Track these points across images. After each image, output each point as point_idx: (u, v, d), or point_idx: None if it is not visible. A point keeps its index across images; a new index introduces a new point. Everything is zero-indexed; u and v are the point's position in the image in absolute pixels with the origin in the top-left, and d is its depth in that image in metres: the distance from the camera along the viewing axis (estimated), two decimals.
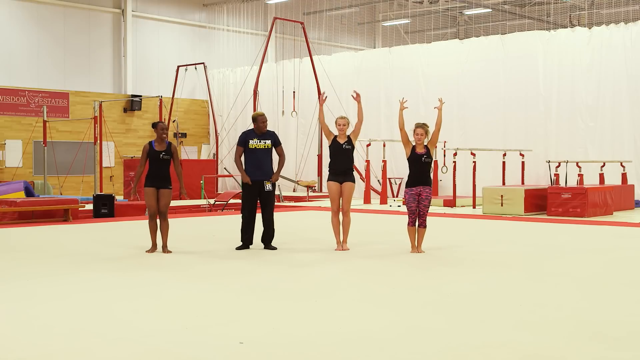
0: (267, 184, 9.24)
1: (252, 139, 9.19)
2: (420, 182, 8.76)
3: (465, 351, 4.45)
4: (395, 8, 31.89)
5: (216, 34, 27.81)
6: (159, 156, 8.98)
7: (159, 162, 8.97)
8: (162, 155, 8.98)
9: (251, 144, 9.16)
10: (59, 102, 23.45)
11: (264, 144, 9.20)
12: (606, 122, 18.80)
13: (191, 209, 17.91)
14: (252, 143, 9.17)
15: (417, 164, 8.79)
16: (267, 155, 9.24)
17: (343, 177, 9.10)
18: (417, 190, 8.73)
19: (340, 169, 9.11)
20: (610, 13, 28.52)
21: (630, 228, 12.46)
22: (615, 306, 5.82)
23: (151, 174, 8.99)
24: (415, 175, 8.78)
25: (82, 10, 24.25)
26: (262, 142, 9.20)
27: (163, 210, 9.00)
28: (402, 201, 18.45)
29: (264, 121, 9.27)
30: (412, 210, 8.76)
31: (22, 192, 15.44)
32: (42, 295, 6.29)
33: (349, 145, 9.11)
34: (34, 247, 10.02)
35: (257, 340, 4.71)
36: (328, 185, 9.13)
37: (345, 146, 9.10)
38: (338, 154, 9.13)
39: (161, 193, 8.99)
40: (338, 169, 9.12)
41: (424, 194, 8.75)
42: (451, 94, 21.04)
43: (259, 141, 9.19)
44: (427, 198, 8.76)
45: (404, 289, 6.65)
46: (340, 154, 9.12)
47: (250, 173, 9.18)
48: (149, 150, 9.02)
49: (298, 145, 24.30)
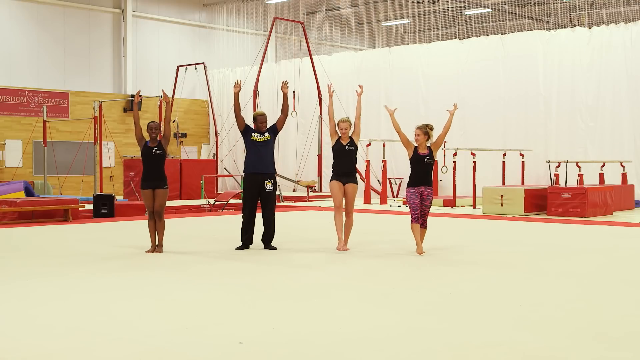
0: (268, 184, 9.26)
1: (254, 132, 9.32)
2: (422, 183, 8.75)
3: (465, 351, 4.45)
4: (395, 8, 31.89)
5: (216, 34, 27.82)
6: (151, 152, 8.98)
7: (151, 159, 8.97)
8: (154, 151, 8.97)
9: (253, 136, 9.29)
10: (59, 102, 23.46)
11: (264, 137, 9.29)
12: (606, 122, 18.80)
13: (191, 209, 17.90)
14: (253, 135, 9.29)
15: (419, 164, 8.78)
16: (268, 149, 9.30)
17: (346, 179, 9.10)
18: (419, 190, 8.72)
19: (343, 170, 9.12)
20: (610, 13, 28.52)
21: (630, 228, 12.46)
22: (615, 306, 5.82)
23: (146, 173, 9.01)
24: (417, 176, 8.77)
25: (82, 10, 24.26)
26: (261, 135, 9.30)
27: (158, 210, 8.99)
28: (403, 201, 18.45)
29: (262, 122, 9.33)
30: (415, 206, 8.68)
31: (22, 192, 15.44)
32: (42, 295, 6.29)
33: (351, 146, 9.13)
34: (34, 247, 10.02)
35: (257, 340, 4.71)
36: (330, 185, 9.13)
37: (348, 147, 9.11)
38: (341, 156, 9.14)
39: (157, 193, 8.97)
40: (341, 170, 9.13)
41: (426, 194, 8.74)
42: (451, 94, 21.03)
43: (259, 135, 9.30)
44: (428, 198, 8.76)
45: (404, 289, 6.65)
46: (344, 155, 9.13)
47: (251, 166, 9.26)
48: (142, 148, 9.05)
49: (298, 145, 24.30)
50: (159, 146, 9.02)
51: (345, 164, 9.12)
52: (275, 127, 9.39)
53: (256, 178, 9.25)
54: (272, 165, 9.38)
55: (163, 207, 9.04)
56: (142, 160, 9.09)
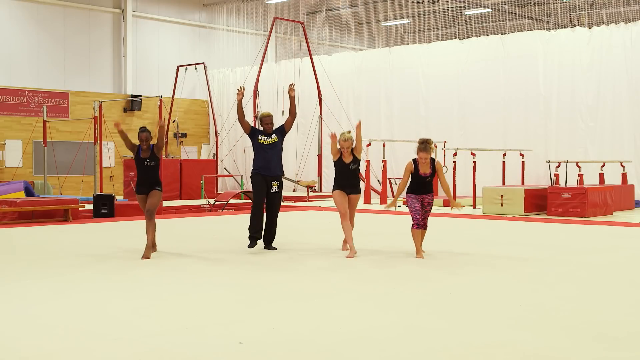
0: (274, 186, 9.18)
1: (261, 135, 9.19)
2: (422, 192, 8.64)
3: (465, 351, 4.45)
4: (395, 8, 31.90)
5: (216, 34, 27.81)
6: (143, 163, 8.88)
7: (144, 169, 8.88)
8: (147, 162, 8.86)
9: (260, 139, 9.16)
10: (59, 102, 23.46)
11: (271, 139, 9.17)
12: (606, 122, 18.80)
13: (191, 209, 17.91)
14: (260, 138, 9.16)
15: (420, 182, 8.64)
16: (275, 152, 9.19)
17: (350, 189, 8.95)
18: (419, 197, 8.61)
19: (346, 183, 8.94)
20: (610, 13, 28.52)
21: (630, 228, 12.46)
22: (615, 306, 5.83)
23: (139, 180, 8.96)
24: (418, 188, 8.63)
25: (82, 10, 24.25)
26: (268, 138, 9.17)
27: (150, 209, 8.80)
28: (402, 201, 18.45)
29: (267, 123, 9.22)
30: (416, 210, 8.55)
31: (22, 192, 15.44)
32: (42, 295, 6.29)
33: (354, 165, 8.92)
34: (34, 247, 10.02)
35: (257, 340, 4.71)
36: (334, 195, 8.93)
37: (352, 167, 8.91)
38: (344, 172, 8.95)
39: (150, 194, 8.88)
40: (344, 183, 8.96)
41: (427, 201, 8.65)
42: (451, 94, 21.07)
43: (266, 137, 9.17)
44: (429, 204, 8.68)
45: (404, 289, 6.64)
46: (346, 172, 8.94)
47: (259, 169, 9.16)
48: (135, 155, 8.94)
49: (298, 145, 24.30)
50: (152, 157, 8.87)
51: (348, 178, 8.94)
52: (283, 129, 9.25)
53: (263, 178, 9.17)
54: (279, 168, 9.27)
55: (155, 207, 8.87)
56: (136, 167, 8.99)
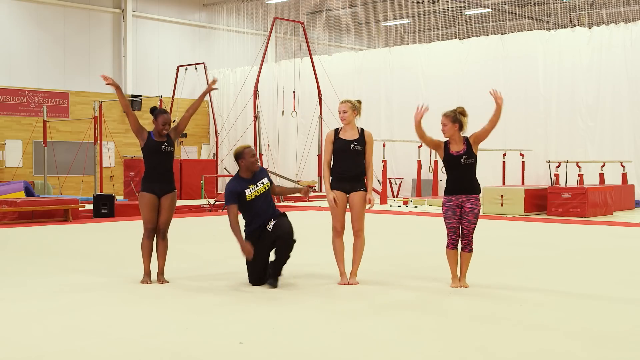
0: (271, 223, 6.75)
1: (247, 188, 6.68)
2: (462, 190, 6.44)
3: (465, 351, 4.45)
4: (395, 8, 31.90)
5: (216, 34, 27.81)
6: (160, 148, 6.78)
7: (161, 157, 6.78)
8: (165, 147, 6.80)
9: (249, 195, 6.67)
10: (59, 102, 23.46)
11: (263, 186, 6.74)
12: (606, 122, 18.81)
13: (191, 209, 17.91)
14: (249, 193, 6.67)
15: (454, 166, 6.48)
16: (268, 198, 6.82)
17: (350, 185, 6.66)
18: (457, 201, 6.44)
19: (347, 173, 6.65)
20: (610, 13, 28.52)
21: (630, 228, 12.46)
22: (615, 306, 5.82)
23: (151, 174, 6.81)
24: (454, 182, 6.48)
25: (82, 10, 24.25)
26: (259, 185, 6.73)
27: (163, 228, 6.85)
28: (403, 201, 18.44)
29: (253, 155, 6.73)
30: (452, 228, 6.48)
31: (22, 192, 15.43)
32: (42, 295, 6.29)
33: (359, 146, 6.63)
34: (33, 247, 10.02)
35: (257, 340, 4.71)
36: (328, 197, 6.66)
37: (355, 147, 6.62)
38: (343, 155, 6.65)
39: (164, 203, 6.81)
40: (344, 173, 6.66)
41: (469, 206, 6.43)
42: (451, 94, 21.04)
43: (256, 186, 6.71)
44: (472, 212, 6.43)
45: (404, 288, 6.63)
46: (347, 155, 6.64)
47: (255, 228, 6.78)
48: (147, 141, 6.81)
49: (298, 145, 24.30)
50: (169, 141, 6.84)
51: (347, 165, 6.63)
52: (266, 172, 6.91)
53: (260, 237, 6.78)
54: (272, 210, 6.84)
55: (169, 223, 6.87)
56: (146, 156, 6.83)
